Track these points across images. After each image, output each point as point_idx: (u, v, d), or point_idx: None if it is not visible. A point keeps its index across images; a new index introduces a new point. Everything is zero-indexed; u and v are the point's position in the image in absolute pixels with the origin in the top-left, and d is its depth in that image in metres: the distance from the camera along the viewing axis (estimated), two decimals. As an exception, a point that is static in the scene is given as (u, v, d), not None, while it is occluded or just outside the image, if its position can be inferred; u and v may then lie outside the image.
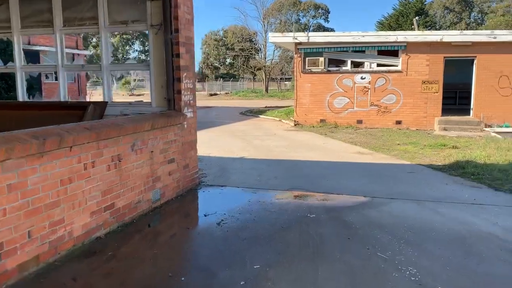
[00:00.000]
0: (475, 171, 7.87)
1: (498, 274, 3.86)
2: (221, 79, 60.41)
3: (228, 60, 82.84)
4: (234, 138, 13.38)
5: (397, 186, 7.13)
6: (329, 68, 16.40)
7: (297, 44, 16.34)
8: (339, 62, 16.56)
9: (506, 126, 14.48)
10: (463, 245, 4.49)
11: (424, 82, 15.30)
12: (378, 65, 15.93)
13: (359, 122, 16.17)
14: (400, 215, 5.54)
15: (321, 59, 16.25)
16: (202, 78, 79.72)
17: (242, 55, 54.61)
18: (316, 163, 9.32)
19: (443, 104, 15.80)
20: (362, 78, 16.02)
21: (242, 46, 51.97)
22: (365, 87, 16.00)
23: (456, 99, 18.88)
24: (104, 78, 6.92)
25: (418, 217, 5.47)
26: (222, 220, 5.28)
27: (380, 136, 13.71)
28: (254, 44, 47.27)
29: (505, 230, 4.94)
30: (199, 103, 34.76)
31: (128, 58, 60.05)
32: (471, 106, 15.18)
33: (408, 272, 3.83)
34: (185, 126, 6.48)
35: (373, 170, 8.49)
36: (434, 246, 4.45)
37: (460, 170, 8.13)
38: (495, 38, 14.19)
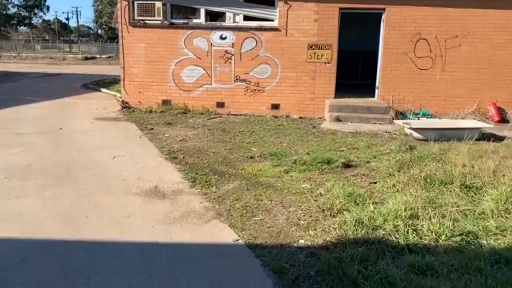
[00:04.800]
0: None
1: None
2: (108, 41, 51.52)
3: (127, 20, 72.69)
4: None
5: None
6: (173, 21, 10.47)
7: (119, -22, 10.13)
8: (189, 12, 10.70)
9: (424, 114, 9.86)
10: None
11: (311, 47, 10.04)
12: (246, 18, 10.34)
13: (220, 105, 10.62)
14: None
15: (159, 4, 10.24)
16: (96, 39, 69.14)
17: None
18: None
19: (341, 78, 10.76)
20: (222, 38, 10.36)
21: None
22: (226, 51, 10.38)
23: (358, 72, 14.08)
24: None
25: None
26: None
27: (237, 133, 8.28)
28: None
29: None
30: (53, 68, 26.68)
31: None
32: (377, 84, 10.32)
33: None
34: None
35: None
36: None
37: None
38: (413, -21, 9.24)
